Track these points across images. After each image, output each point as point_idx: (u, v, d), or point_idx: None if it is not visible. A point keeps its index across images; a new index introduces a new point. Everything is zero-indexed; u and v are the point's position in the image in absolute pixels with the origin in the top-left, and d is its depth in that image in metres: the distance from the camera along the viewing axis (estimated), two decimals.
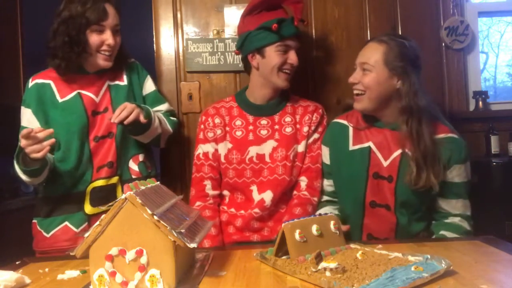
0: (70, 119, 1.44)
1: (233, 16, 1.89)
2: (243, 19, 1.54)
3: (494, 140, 1.81)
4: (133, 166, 1.53)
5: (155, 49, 1.91)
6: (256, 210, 1.50)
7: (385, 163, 1.37)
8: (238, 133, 1.54)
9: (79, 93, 1.46)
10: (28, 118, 1.45)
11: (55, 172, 1.45)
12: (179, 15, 1.91)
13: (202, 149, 1.55)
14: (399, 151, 1.36)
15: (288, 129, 1.54)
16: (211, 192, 1.54)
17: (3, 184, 2.45)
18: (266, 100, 1.56)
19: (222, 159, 1.53)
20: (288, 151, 1.51)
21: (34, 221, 1.50)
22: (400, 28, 1.95)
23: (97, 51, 1.43)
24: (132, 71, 1.59)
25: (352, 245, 0.98)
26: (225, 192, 1.58)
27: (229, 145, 1.53)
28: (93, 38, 1.41)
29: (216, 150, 1.54)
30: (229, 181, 1.53)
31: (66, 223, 1.45)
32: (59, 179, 1.45)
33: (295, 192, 1.55)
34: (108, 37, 1.42)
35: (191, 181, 1.58)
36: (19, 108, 1.50)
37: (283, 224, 0.92)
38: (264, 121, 1.55)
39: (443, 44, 1.96)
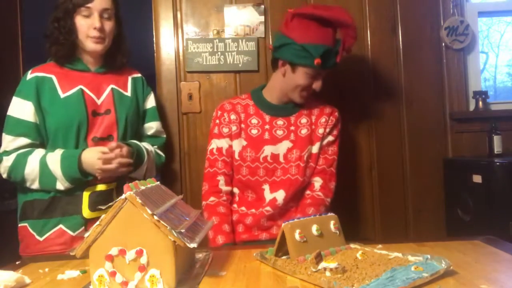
0: (70, 115, 1.41)
1: (233, 16, 1.89)
2: (291, 17, 1.48)
3: (496, 140, 1.81)
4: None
5: (155, 49, 1.92)
6: (268, 208, 1.50)
7: None
8: (254, 131, 1.54)
9: (81, 89, 1.44)
10: (28, 112, 1.40)
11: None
12: (179, 15, 1.91)
13: (216, 144, 1.55)
14: None
15: (304, 131, 1.54)
16: (224, 188, 1.54)
17: (3, 184, 2.45)
18: (283, 101, 1.57)
19: (236, 156, 1.53)
20: (302, 152, 1.52)
21: (23, 224, 1.45)
22: (400, 28, 1.95)
23: (87, 36, 1.41)
24: (137, 85, 1.60)
25: (352, 245, 0.98)
26: (235, 190, 1.58)
27: (244, 143, 1.53)
28: (80, 22, 1.40)
29: (231, 146, 1.54)
30: (242, 179, 1.54)
31: (61, 226, 1.40)
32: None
33: (308, 192, 1.55)
34: (94, 20, 1.39)
35: (204, 175, 1.58)
36: None
37: (283, 224, 0.92)
38: (280, 122, 1.55)
39: (443, 44, 1.96)
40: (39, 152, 1.40)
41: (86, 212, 1.41)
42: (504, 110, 2.00)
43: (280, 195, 1.51)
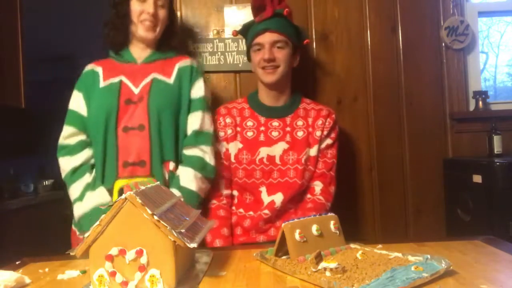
0: (101, 104, 1.42)
1: (233, 16, 1.89)
2: None
3: (496, 140, 1.81)
4: (165, 173, 1.41)
5: None
6: (266, 211, 1.50)
7: None
8: (249, 134, 1.54)
9: (121, 80, 1.44)
10: (79, 102, 1.46)
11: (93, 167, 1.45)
12: (179, 15, 1.91)
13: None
14: None
15: (300, 133, 1.54)
16: (224, 191, 1.54)
17: (3, 184, 2.45)
18: (276, 101, 1.57)
19: (232, 159, 1.53)
20: (299, 154, 1.51)
21: (73, 228, 1.45)
22: (400, 28, 1.95)
23: (139, 21, 1.44)
24: (183, 73, 1.49)
25: (352, 245, 0.98)
26: (234, 193, 1.58)
27: (240, 145, 1.53)
28: (135, 7, 1.43)
29: (227, 149, 1.54)
30: (239, 181, 1.53)
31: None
32: (95, 174, 1.43)
33: (309, 196, 1.55)
34: (148, 6, 1.42)
35: None
36: (19, 109, 1.50)
37: (283, 224, 0.92)
38: (275, 123, 1.55)
39: (443, 44, 1.96)
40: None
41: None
42: (504, 110, 2.00)
43: (278, 198, 1.50)
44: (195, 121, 1.46)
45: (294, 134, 1.54)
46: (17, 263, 1.05)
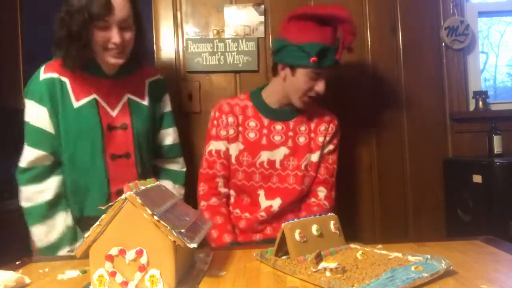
0: (83, 128, 1.31)
1: (233, 16, 1.89)
2: (288, 20, 1.45)
3: (496, 140, 1.81)
4: None
5: (155, 49, 1.92)
6: (263, 213, 1.50)
7: None
8: (251, 135, 1.52)
9: (95, 99, 1.33)
10: (43, 120, 1.30)
11: (68, 192, 1.35)
12: (179, 15, 1.91)
13: (214, 146, 1.53)
14: None
15: (302, 139, 1.53)
16: (223, 190, 1.54)
17: (3, 184, 2.45)
18: (282, 105, 1.55)
19: (233, 160, 1.52)
20: (300, 160, 1.51)
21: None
22: (400, 28, 1.95)
23: (104, 49, 1.27)
24: (155, 89, 1.48)
25: (352, 245, 0.98)
26: (231, 192, 1.57)
27: (241, 146, 1.52)
28: (97, 35, 1.25)
29: (228, 149, 1.53)
30: (237, 183, 1.53)
31: None
32: (71, 200, 1.35)
33: (313, 199, 1.55)
34: (113, 35, 1.24)
35: (201, 176, 1.55)
36: (18, 109, 1.46)
37: (283, 224, 0.92)
38: (278, 126, 1.53)
39: (443, 44, 1.96)
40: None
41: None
42: (504, 110, 2.00)
43: (276, 203, 1.50)
44: (169, 136, 1.55)
45: (296, 139, 1.53)
46: (17, 263, 1.05)
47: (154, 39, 1.92)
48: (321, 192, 1.55)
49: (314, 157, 1.54)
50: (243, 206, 1.55)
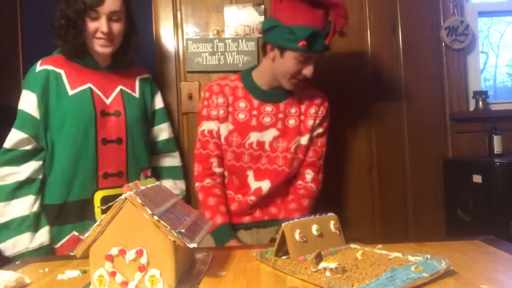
0: (78, 113, 1.38)
1: (233, 16, 1.89)
2: (280, 0, 1.41)
3: (496, 140, 1.81)
4: (142, 179, 1.46)
5: (155, 49, 1.91)
6: (252, 197, 1.51)
7: None
8: (241, 116, 1.52)
9: (90, 87, 1.42)
10: (31, 105, 1.37)
11: (52, 177, 1.40)
12: (179, 15, 1.91)
13: (206, 126, 1.54)
14: None
15: (292, 121, 1.53)
16: (217, 169, 1.54)
17: None
18: (273, 86, 1.53)
19: (222, 140, 1.52)
20: (289, 143, 1.51)
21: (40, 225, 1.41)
22: (400, 28, 1.95)
23: (94, 38, 1.39)
24: (145, 86, 1.60)
25: (352, 245, 0.98)
26: (225, 173, 1.58)
27: (231, 127, 1.52)
28: (89, 25, 1.37)
29: (219, 129, 1.53)
30: (227, 163, 1.54)
31: (74, 232, 1.40)
32: (58, 184, 1.40)
33: (300, 182, 1.57)
34: (101, 25, 1.37)
35: (195, 157, 1.56)
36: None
37: (283, 224, 0.92)
38: (268, 108, 1.53)
39: (443, 44, 1.96)
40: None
41: (99, 217, 1.36)
42: (504, 110, 2.00)
43: (265, 185, 1.51)
44: (163, 132, 1.65)
45: (286, 122, 1.53)
46: (17, 263, 1.05)
47: (154, 39, 1.92)
48: (309, 174, 1.56)
49: (304, 140, 1.53)
50: (234, 187, 1.56)
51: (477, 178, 1.66)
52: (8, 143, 1.37)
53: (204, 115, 1.54)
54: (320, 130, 1.57)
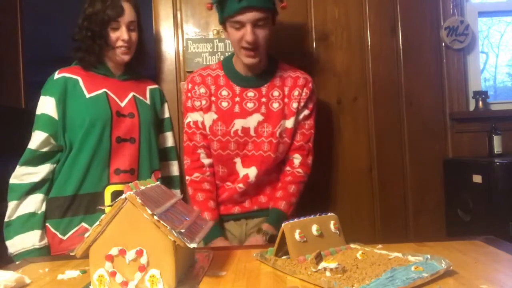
0: (94, 112, 1.46)
1: None
2: None
3: (496, 140, 1.81)
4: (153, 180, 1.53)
5: (155, 49, 1.92)
6: (240, 185, 1.51)
7: None
8: (224, 104, 1.50)
9: (105, 92, 1.51)
10: (50, 107, 1.46)
11: (65, 171, 1.46)
12: (179, 15, 1.91)
13: (191, 117, 1.54)
14: None
15: (275, 105, 1.50)
16: (206, 161, 1.54)
17: (3, 184, 2.44)
18: (252, 70, 1.50)
19: (207, 130, 1.51)
20: (274, 127, 1.49)
21: (45, 224, 1.46)
22: (400, 28, 1.95)
23: (115, 47, 1.50)
24: (155, 94, 1.69)
25: (352, 245, 0.98)
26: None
27: (214, 116, 1.51)
28: (111, 35, 1.49)
29: (204, 119, 1.52)
30: (214, 153, 1.53)
31: (83, 224, 1.44)
32: (71, 177, 1.45)
33: (288, 168, 1.55)
34: (122, 33, 1.49)
35: (184, 149, 1.58)
36: (19, 110, 1.50)
37: (283, 224, 0.92)
38: (251, 93, 1.51)
39: (443, 44, 1.96)
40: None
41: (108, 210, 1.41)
42: (504, 110, 2.00)
43: (252, 172, 1.50)
44: (167, 139, 1.76)
45: (270, 105, 1.50)
46: (17, 263, 1.05)
47: (154, 39, 1.92)
48: (296, 159, 1.55)
49: (289, 123, 1.51)
50: (221, 177, 1.55)
51: (477, 178, 1.66)
52: (33, 144, 1.45)
53: (189, 106, 1.55)
54: (306, 112, 1.54)
